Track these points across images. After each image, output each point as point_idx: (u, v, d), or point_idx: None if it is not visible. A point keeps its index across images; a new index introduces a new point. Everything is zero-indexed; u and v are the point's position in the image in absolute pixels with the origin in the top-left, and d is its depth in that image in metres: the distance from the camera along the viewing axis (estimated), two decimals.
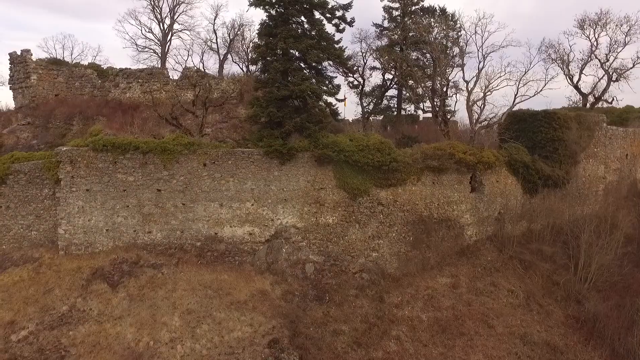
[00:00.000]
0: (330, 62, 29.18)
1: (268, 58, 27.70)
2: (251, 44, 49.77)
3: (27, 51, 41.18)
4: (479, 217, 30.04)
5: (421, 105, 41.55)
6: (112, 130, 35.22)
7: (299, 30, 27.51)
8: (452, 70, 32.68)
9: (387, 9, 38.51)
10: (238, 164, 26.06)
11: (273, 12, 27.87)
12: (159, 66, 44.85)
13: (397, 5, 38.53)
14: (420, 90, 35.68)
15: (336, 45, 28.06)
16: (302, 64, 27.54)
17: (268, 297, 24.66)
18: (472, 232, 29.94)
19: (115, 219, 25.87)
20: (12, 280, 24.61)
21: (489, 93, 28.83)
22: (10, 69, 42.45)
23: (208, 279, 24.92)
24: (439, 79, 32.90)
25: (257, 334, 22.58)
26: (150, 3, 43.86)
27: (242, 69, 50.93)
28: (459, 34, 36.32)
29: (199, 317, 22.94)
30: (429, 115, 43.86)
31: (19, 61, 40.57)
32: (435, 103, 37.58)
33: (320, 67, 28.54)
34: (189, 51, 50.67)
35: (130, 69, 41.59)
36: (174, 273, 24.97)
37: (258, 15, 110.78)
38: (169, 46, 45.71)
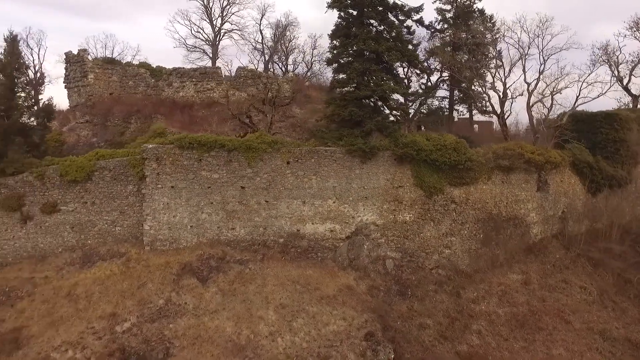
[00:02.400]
0: (403, 63, 29.76)
1: (343, 59, 28.40)
2: (289, 44, 51.05)
3: (84, 51, 41.75)
4: (544, 216, 30.80)
5: (459, 107, 42.53)
6: (175, 128, 36.01)
7: (374, 32, 28.19)
8: (508, 72, 33.27)
9: (440, 11, 39.21)
10: (321, 162, 26.70)
11: (343, 13, 28.68)
12: (210, 65, 45.35)
13: (449, 7, 39.24)
14: (478, 91, 36.34)
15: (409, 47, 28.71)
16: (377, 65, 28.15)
17: (354, 292, 25.33)
18: (538, 231, 30.69)
19: (200, 216, 26.46)
20: (105, 274, 25.21)
21: (557, 94, 29.55)
22: (66, 68, 42.90)
23: (295, 274, 25.55)
24: (495, 80, 33.64)
25: (351, 328, 23.23)
26: (202, 4, 44.34)
27: (281, 69, 51.80)
28: (496, 36, 37.19)
29: (293, 311, 23.57)
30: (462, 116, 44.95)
31: (76, 60, 41.05)
32: (482, 104, 38.42)
33: (392, 68, 29.21)
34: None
35: (183, 68, 42.14)
36: (260, 269, 25.58)
37: (302, 17, 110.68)
38: (218, 45, 46.15)
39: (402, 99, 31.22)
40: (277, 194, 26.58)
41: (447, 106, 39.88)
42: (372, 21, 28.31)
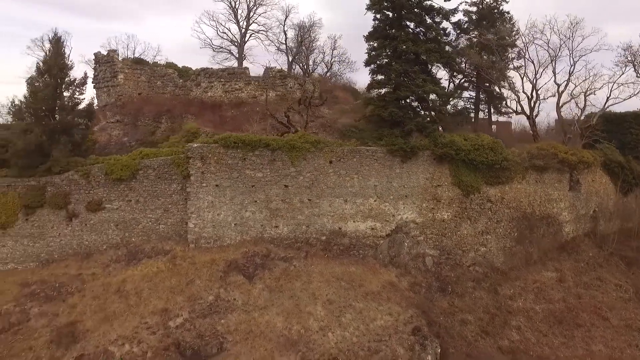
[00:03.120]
0: (439, 64, 30.27)
1: (381, 60, 28.93)
2: (311, 45, 51.51)
3: (114, 51, 42.25)
4: (576, 215, 31.38)
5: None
6: (207, 128, 36.50)
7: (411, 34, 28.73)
8: (541, 73, 33.82)
9: (467, 13, 39.69)
10: (362, 162, 27.24)
11: (380, 15, 29.21)
12: (236, 66, 45.84)
13: (475, 9, 39.72)
14: (504, 93, 36.92)
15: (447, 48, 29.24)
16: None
17: (397, 288, 25.86)
18: (570, 229, 31.26)
19: (244, 214, 26.98)
20: (152, 271, 25.71)
21: (590, 94, 30.11)
22: (95, 68, 43.46)
23: (338, 271, 26.09)
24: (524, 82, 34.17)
25: (398, 323, 23.76)
26: (229, 5, 44.83)
27: (301, 69, 52.25)
28: (515, 37, 37.72)
29: (340, 307, 24.10)
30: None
31: (105, 61, 41.58)
32: (505, 105, 38.93)
33: (428, 69, 29.73)
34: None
35: (211, 68, 42.63)
36: (305, 266, 26.10)
37: (327, 18, 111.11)
38: (244, 46, 46.65)
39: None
40: (320, 193, 27.11)
41: (472, 107, 40.36)
42: (408, 23, 28.83)
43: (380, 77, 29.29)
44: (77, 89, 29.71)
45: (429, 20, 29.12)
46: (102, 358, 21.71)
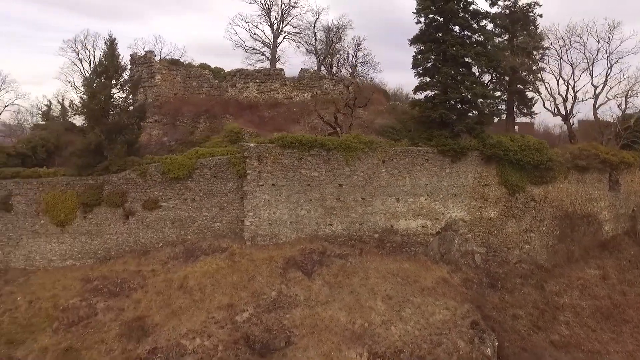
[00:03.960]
0: (485, 68, 31.03)
1: (428, 63, 29.72)
2: (336, 47, 52.25)
3: (151, 52, 43.02)
4: (615, 214, 32.26)
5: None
6: (250, 128, 37.21)
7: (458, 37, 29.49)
8: (578, 76, 34.63)
9: (500, 15, 40.47)
10: (414, 161, 28.02)
11: (426, 19, 30.03)
12: (267, 67, 46.54)
13: (507, 11, 40.50)
14: (544, 94, 37.68)
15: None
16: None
17: (450, 284, 26.65)
18: (609, 228, 32.12)
19: (299, 212, 27.69)
20: (212, 268, 26.41)
21: (632, 97, 30.98)
22: (131, 69, 44.10)
23: (393, 267, 26.85)
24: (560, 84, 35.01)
25: (456, 317, 24.55)
26: (263, 8, 45.56)
27: (327, 70, 52.96)
28: (541, 42, 38.52)
29: (399, 302, 24.86)
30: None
31: (142, 62, 42.23)
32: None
33: (473, 71, 30.54)
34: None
35: (247, 69, 43.40)
36: (360, 262, 26.85)
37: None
38: (277, 48, 47.37)
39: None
40: (373, 192, 27.86)
41: (505, 108, 41.12)
42: (455, 27, 29.59)
43: (426, 79, 30.02)
44: (130, 90, 30.48)
45: (475, 25, 29.87)
46: (175, 351, 22.41)
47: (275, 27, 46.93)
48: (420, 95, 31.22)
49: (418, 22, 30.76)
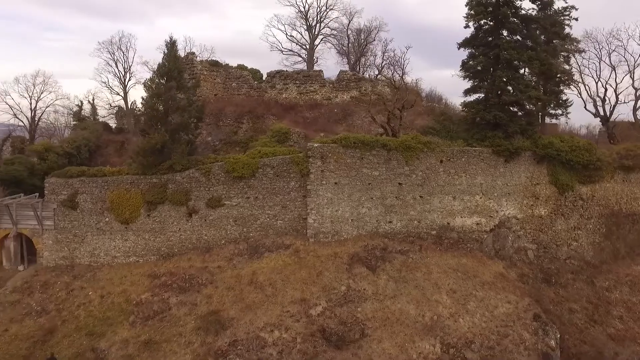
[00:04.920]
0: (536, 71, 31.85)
1: (479, 66, 30.73)
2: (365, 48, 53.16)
3: (192, 54, 43.80)
4: None
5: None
6: (298, 128, 38.07)
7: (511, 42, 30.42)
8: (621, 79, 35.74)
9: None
10: (470, 161, 29.02)
11: (476, 23, 31.10)
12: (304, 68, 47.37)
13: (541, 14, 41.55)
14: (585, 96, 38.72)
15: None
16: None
17: (507, 279, 27.69)
18: None
19: (360, 210, 28.64)
20: (278, 264, 27.29)
21: None
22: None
23: (452, 263, 27.86)
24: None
25: (518, 310, 25.57)
26: (299, 10, 46.43)
27: (355, 71, 53.81)
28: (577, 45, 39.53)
29: (463, 296, 25.86)
30: None
31: (184, 63, 42.98)
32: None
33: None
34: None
35: (286, 71, 44.23)
36: (421, 258, 27.82)
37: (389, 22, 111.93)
38: (314, 49, 48.22)
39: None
40: (431, 190, 28.86)
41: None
42: (506, 32, 30.59)
43: (475, 81, 31.05)
44: (190, 90, 31.30)
45: (524, 30, 30.89)
46: (255, 343, 23.30)
47: (312, 30, 47.72)
48: (465, 97, 32.10)
49: (467, 26, 31.92)
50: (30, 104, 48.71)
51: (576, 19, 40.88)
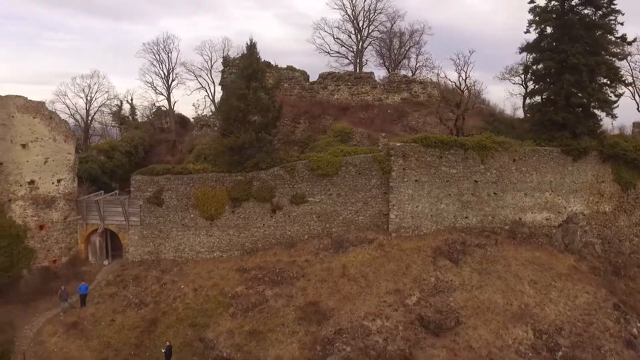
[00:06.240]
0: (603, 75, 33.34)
1: (545, 70, 32.43)
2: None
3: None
4: None
5: None
6: (360, 128, 39.46)
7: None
8: None
9: None
10: (540, 160, 30.67)
11: (533, 30, 32.84)
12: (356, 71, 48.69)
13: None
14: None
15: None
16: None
17: (580, 271, 29.38)
18: None
19: (439, 206, 30.13)
20: (366, 257, 28.61)
21: None
22: (223, 71, 46.03)
23: (527, 256, 29.47)
24: None
25: (597, 300, 27.25)
26: (348, 14, 47.82)
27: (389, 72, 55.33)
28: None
29: (544, 286, 27.47)
30: None
31: (235, 64, 44.15)
32: None
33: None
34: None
35: (338, 72, 45.59)
36: (498, 251, 29.38)
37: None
38: (363, 52, 49.61)
39: None
40: (504, 187, 30.45)
41: None
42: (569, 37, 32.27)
43: (539, 85, 32.76)
44: (271, 91, 32.48)
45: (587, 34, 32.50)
46: (360, 331, 24.61)
47: (361, 33, 49.13)
48: (529, 100, 33.77)
49: (527, 31, 33.62)
50: (86, 104, 49.47)
51: (622, 24, 42.83)
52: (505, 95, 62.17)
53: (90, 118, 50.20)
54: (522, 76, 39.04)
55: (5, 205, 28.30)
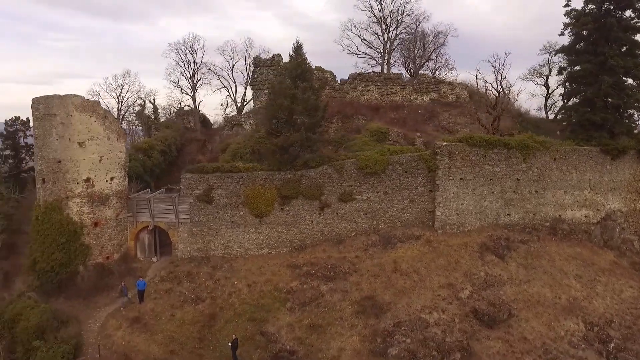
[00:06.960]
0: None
1: (579, 71, 33.46)
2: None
3: (279, 55, 45.48)
4: None
5: None
6: (396, 128, 40.29)
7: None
8: None
9: None
10: (580, 159, 31.68)
11: (568, 32, 33.92)
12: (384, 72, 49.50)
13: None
14: None
15: None
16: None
17: (621, 266, 30.42)
18: None
19: (483, 203, 31.04)
20: (415, 253, 29.45)
21: None
22: (254, 71, 46.73)
23: (569, 251, 30.44)
24: None
25: None
26: (375, 15, 48.66)
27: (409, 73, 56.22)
28: None
29: (590, 281, 28.44)
30: None
31: (269, 64, 44.96)
32: None
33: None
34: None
35: (367, 73, 46.40)
36: (541, 247, 30.32)
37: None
38: (391, 54, 50.46)
39: None
40: (545, 185, 31.42)
41: None
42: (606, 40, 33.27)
43: (576, 86, 33.78)
44: (317, 92, 33.20)
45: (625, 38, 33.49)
46: (418, 324, 25.41)
47: (389, 34, 50.00)
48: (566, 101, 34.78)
49: (561, 34, 34.71)
50: (117, 103, 49.91)
51: None
52: (526, 96, 63.12)
53: (121, 117, 50.60)
54: (545, 77, 40.06)
55: (63, 202, 28.80)
